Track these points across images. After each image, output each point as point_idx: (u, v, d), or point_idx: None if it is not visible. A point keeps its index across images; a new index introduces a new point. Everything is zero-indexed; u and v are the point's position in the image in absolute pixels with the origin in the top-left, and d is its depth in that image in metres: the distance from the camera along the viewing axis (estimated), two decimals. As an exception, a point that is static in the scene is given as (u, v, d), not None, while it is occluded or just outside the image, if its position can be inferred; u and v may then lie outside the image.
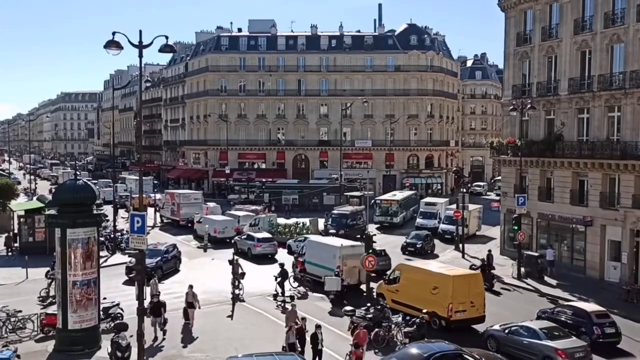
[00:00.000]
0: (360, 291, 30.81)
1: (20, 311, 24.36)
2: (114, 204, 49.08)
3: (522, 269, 35.18)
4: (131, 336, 20.80)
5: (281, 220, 49.87)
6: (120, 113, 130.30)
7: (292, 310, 23.38)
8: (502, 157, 41.95)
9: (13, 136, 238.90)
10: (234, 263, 30.10)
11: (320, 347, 20.80)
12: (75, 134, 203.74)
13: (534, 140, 38.68)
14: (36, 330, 23.89)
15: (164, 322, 24.20)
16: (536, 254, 36.57)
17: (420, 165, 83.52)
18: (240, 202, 65.33)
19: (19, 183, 79.13)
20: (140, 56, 19.38)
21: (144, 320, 19.53)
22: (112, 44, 19.16)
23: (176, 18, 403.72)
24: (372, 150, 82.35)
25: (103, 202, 61.25)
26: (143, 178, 21.89)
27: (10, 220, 47.91)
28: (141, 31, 19.14)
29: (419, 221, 52.61)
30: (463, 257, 41.23)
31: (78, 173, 28.43)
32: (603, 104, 34.53)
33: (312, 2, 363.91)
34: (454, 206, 46.87)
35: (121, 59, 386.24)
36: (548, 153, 37.43)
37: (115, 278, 33.10)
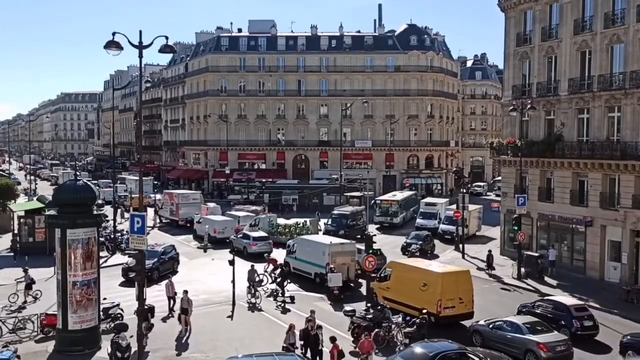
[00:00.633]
0: (349, 287, 31.97)
1: (20, 311, 24.36)
2: (114, 205, 49.07)
3: (522, 269, 35.18)
4: (131, 336, 20.83)
5: (281, 220, 49.91)
6: (120, 113, 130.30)
7: (312, 317, 22.30)
8: (502, 158, 41.94)
9: (13, 136, 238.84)
10: (250, 269, 29.34)
11: (320, 348, 20.80)
12: (75, 135, 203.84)
13: (534, 140, 38.68)
14: (36, 330, 23.91)
15: (149, 328, 22.25)
16: (536, 254, 36.56)
17: (420, 165, 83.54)
18: (240, 203, 65.34)
19: (19, 183, 79.09)
20: (140, 56, 19.40)
21: (144, 320, 19.53)
22: (112, 45, 19.17)
23: (176, 18, 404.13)
24: (372, 150, 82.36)
25: (104, 203, 61.29)
26: (143, 178, 21.88)
27: (10, 220, 47.93)
28: (141, 32, 19.18)
29: (419, 221, 52.62)
30: (463, 258, 41.23)
31: (78, 173, 28.39)
32: (603, 104, 34.52)
33: (312, 3, 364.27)
34: (454, 206, 46.87)
35: (121, 60, 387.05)
36: (548, 153, 37.42)
37: (115, 279, 33.10)
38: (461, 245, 42.97)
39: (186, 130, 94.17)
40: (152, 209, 59.55)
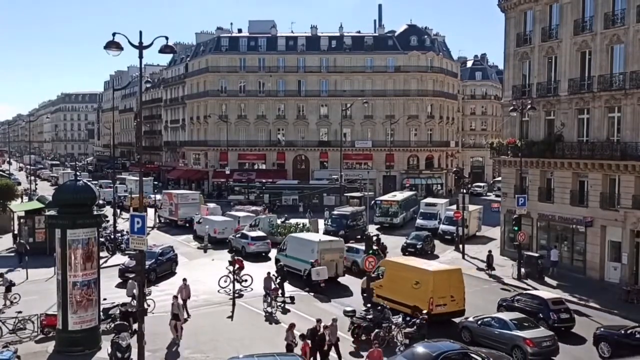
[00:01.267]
0: (337, 284, 33.42)
1: (20, 312, 24.37)
2: (114, 205, 49.07)
3: (522, 270, 35.18)
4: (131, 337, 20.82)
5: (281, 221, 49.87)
6: (120, 114, 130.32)
7: (333, 324, 21.58)
8: (502, 158, 41.93)
9: (13, 137, 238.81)
10: (267, 277, 28.74)
11: (326, 348, 20.80)
12: (75, 135, 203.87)
13: (534, 140, 38.67)
14: (36, 331, 23.90)
15: (131, 334, 21.53)
16: (536, 255, 36.56)
17: (420, 165, 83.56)
18: (242, 203, 65.33)
19: (19, 184, 79.10)
20: (140, 57, 19.36)
21: (144, 321, 19.51)
22: (112, 45, 19.14)
23: (176, 19, 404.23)
24: (372, 150, 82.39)
25: (105, 203, 61.25)
26: (143, 179, 21.87)
27: (10, 221, 47.93)
28: (141, 32, 19.12)
29: (419, 222, 52.61)
30: (463, 258, 41.21)
31: (78, 174, 28.38)
32: (603, 105, 34.52)
33: (312, 3, 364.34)
34: (454, 207, 46.84)
35: (121, 60, 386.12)
36: (548, 153, 37.41)
37: (115, 279, 33.08)
38: (461, 245, 42.95)
39: (186, 130, 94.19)
40: (152, 210, 59.53)
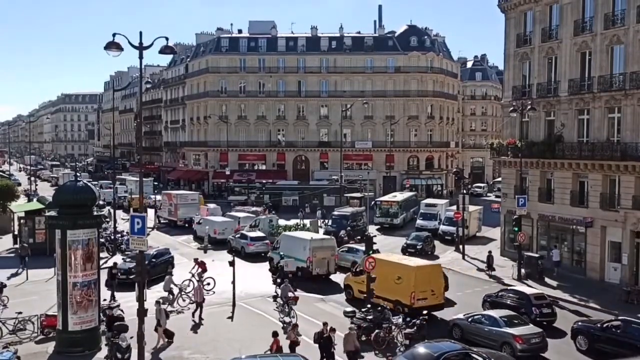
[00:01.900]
0: (329, 280, 34.36)
1: (20, 312, 24.36)
2: (114, 205, 49.05)
3: (523, 270, 35.17)
4: (131, 337, 20.79)
5: (282, 221, 49.90)
6: (120, 114, 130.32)
7: (350, 333, 21.28)
8: (502, 158, 41.94)
9: (13, 137, 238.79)
10: (284, 285, 28.10)
11: (332, 350, 20.81)
12: (75, 136, 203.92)
13: (534, 141, 38.68)
14: (36, 331, 23.89)
15: (114, 336, 20.97)
16: (536, 255, 36.57)
17: (420, 166, 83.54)
18: (243, 204, 65.34)
19: (20, 184, 79.10)
20: (140, 57, 19.37)
21: (144, 321, 19.50)
22: (113, 46, 19.14)
23: (176, 19, 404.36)
24: (372, 151, 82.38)
25: (105, 204, 61.23)
26: (143, 179, 21.86)
27: (10, 221, 47.91)
28: (141, 32, 19.14)
29: (419, 222, 52.59)
30: (463, 259, 41.21)
31: (78, 174, 28.33)
32: (603, 105, 34.52)
33: (312, 4, 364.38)
34: (454, 207, 46.84)
35: (121, 60, 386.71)
36: (548, 154, 37.41)
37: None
38: (461, 246, 42.94)
39: (186, 131, 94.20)
40: (152, 210, 59.48)
